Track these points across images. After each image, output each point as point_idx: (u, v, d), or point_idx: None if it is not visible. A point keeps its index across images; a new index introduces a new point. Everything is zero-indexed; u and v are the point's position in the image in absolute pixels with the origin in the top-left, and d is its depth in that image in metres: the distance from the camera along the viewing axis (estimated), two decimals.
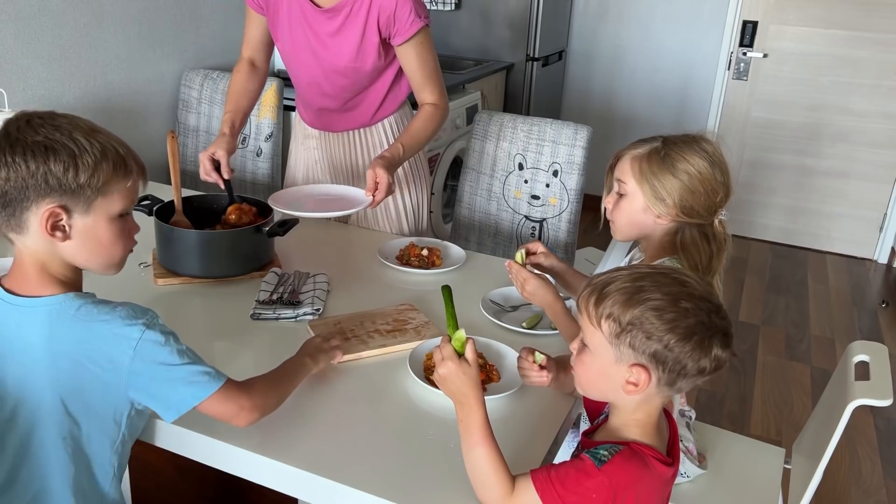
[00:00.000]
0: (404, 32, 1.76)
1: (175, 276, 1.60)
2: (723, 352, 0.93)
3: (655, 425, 0.98)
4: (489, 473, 0.97)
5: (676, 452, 1.00)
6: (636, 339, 0.92)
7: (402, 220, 2.04)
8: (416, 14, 1.75)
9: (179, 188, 1.71)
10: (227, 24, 2.91)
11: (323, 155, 2.01)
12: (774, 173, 4.33)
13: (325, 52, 1.80)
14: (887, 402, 1.32)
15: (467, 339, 1.04)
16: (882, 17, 3.90)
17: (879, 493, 2.35)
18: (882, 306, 3.69)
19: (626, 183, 1.32)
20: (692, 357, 0.92)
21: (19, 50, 2.14)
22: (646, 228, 1.33)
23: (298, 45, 1.81)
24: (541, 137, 2.31)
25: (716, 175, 1.28)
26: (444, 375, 1.03)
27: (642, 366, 0.93)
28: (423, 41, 1.81)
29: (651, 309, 0.92)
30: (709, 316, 0.93)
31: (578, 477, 0.91)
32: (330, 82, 1.85)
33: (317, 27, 1.78)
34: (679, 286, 0.94)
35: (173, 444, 1.19)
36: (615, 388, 0.96)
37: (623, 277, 0.96)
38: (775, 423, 2.68)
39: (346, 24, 1.76)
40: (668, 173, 1.27)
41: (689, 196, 1.27)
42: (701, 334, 0.92)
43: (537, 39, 4.03)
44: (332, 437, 1.16)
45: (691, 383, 0.95)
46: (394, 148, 1.79)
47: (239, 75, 1.94)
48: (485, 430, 0.99)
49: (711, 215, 1.30)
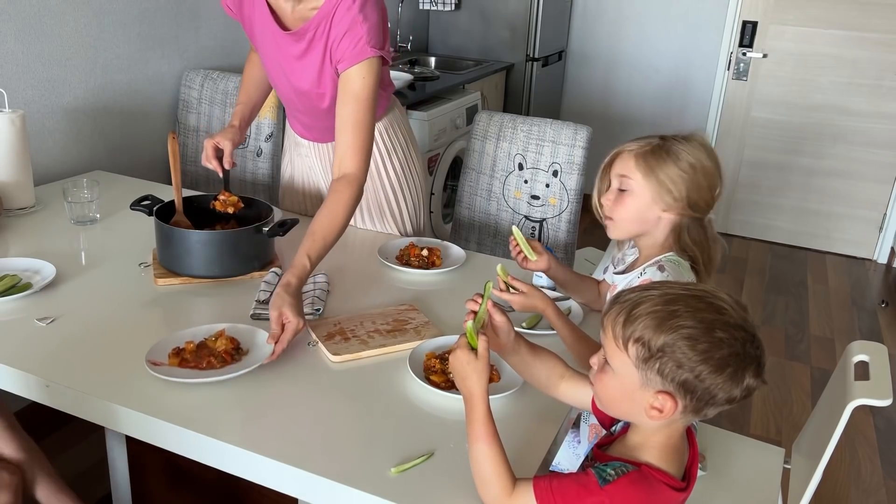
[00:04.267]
0: (348, 58, 1.57)
1: (175, 276, 1.60)
2: (755, 381, 0.90)
3: (675, 448, 0.95)
4: (489, 470, 0.97)
5: (694, 473, 0.97)
6: (666, 367, 0.88)
7: (402, 220, 2.04)
8: (367, 42, 1.57)
9: (180, 188, 1.71)
10: (228, 24, 2.91)
11: (316, 162, 2.00)
12: (774, 173, 4.33)
13: (292, 74, 1.73)
14: (887, 402, 1.32)
15: (479, 336, 1.03)
16: (882, 17, 3.90)
17: (879, 493, 2.35)
18: (882, 306, 3.69)
19: (630, 178, 1.32)
20: (723, 388, 0.88)
21: (19, 50, 2.14)
22: (648, 224, 1.34)
23: (271, 62, 1.77)
24: (541, 137, 2.31)
25: (716, 170, 1.30)
26: (452, 364, 1.03)
27: (669, 393, 0.89)
28: (367, 75, 1.58)
29: (684, 338, 0.87)
30: (743, 346, 0.88)
31: (579, 492, 0.89)
32: (300, 100, 1.81)
33: (284, 48, 1.70)
34: (715, 313, 0.89)
35: (173, 444, 1.19)
36: (638, 411, 0.92)
37: (654, 299, 0.91)
38: (775, 423, 2.68)
39: (308, 49, 1.66)
40: (674, 167, 1.28)
41: (694, 190, 1.29)
42: (735, 366, 0.88)
43: (537, 39, 4.03)
44: (332, 437, 1.16)
45: (718, 410, 0.92)
46: (298, 267, 1.43)
47: (252, 66, 1.92)
48: (487, 427, 0.98)
49: (709, 210, 1.31)
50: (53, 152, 2.31)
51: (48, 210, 1.98)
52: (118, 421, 1.22)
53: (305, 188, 2.06)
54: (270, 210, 1.71)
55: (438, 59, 4.08)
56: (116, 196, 2.03)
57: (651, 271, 1.29)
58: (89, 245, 1.81)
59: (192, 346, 1.30)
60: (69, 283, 1.58)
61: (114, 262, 1.69)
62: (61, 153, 2.34)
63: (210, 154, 1.74)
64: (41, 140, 2.26)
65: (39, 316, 1.44)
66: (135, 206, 1.69)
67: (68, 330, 1.40)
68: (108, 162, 2.51)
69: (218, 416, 1.19)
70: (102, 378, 1.26)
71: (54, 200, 2.00)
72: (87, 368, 1.29)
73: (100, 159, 2.48)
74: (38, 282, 1.55)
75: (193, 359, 1.28)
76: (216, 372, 1.26)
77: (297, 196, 2.08)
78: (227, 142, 1.75)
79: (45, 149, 2.28)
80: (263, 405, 1.23)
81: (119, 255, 1.73)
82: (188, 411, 1.19)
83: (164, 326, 1.45)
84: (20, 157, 1.93)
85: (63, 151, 2.35)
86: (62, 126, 2.33)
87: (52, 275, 1.57)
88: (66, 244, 1.80)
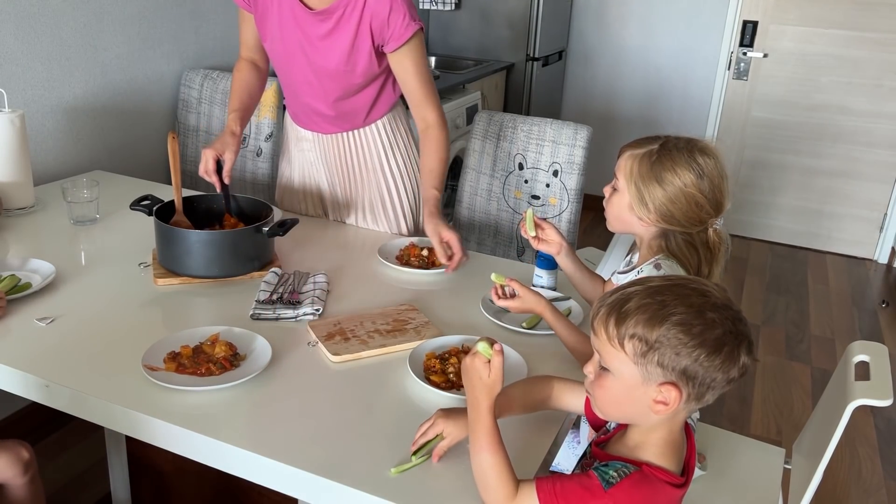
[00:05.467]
0: (398, 37, 1.72)
1: (175, 276, 1.60)
2: (748, 358, 0.91)
3: (674, 443, 0.95)
4: (492, 479, 0.97)
5: (691, 467, 0.97)
6: (665, 357, 0.88)
7: (402, 220, 2.04)
8: (410, 17, 1.71)
9: (180, 188, 1.71)
10: (227, 24, 2.91)
11: (318, 157, 2.00)
12: (774, 173, 4.33)
13: (316, 55, 1.77)
14: (887, 403, 1.32)
15: (495, 351, 1.00)
16: (882, 17, 3.90)
17: (879, 493, 2.35)
18: (882, 306, 3.69)
19: (618, 179, 1.34)
20: (722, 369, 0.89)
21: (19, 50, 2.14)
22: (631, 226, 1.35)
23: (290, 46, 1.79)
24: (541, 137, 2.31)
25: (702, 189, 1.25)
26: (465, 367, 1.01)
27: (672, 383, 0.89)
28: (417, 46, 1.77)
29: (677, 324, 0.88)
30: (734, 324, 0.90)
31: (583, 496, 0.89)
32: (321, 84, 1.83)
33: (307, 29, 1.75)
34: (701, 296, 0.91)
35: (173, 444, 1.19)
36: (642, 410, 0.92)
37: (640, 294, 0.92)
38: (775, 423, 2.68)
39: (337, 27, 1.73)
40: (653, 180, 1.27)
41: (669, 205, 1.26)
42: (730, 345, 0.89)
43: (537, 39, 4.03)
44: (332, 437, 1.16)
45: (717, 394, 0.93)
46: (430, 198, 1.80)
47: (241, 73, 1.92)
48: (491, 437, 0.98)
49: (696, 226, 1.28)
50: (53, 152, 2.31)
51: (48, 210, 1.98)
52: (117, 421, 1.22)
53: (306, 187, 2.06)
54: (270, 210, 1.71)
55: (439, 59, 4.08)
56: (116, 196, 2.03)
57: (648, 269, 1.29)
58: (89, 245, 1.81)
59: (189, 350, 1.29)
60: (69, 283, 1.58)
61: (113, 262, 1.69)
62: (61, 153, 2.34)
63: (211, 168, 1.72)
64: (41, 140, 2.26)
65: (39, 316, 1.44)
66: (134, 206, 1.69)
67: (68, 330, 1.40)
68: (107, 162, 2.51)
69: (217, 416, 1.18)
70: (102, 378, 1.26)
71: (54, 200, 2.00)
72: (86, 368, 1.29)
73: (100, 159, 2.48)
74: (38, 282, 1.55)
75: (191, 364, 1.27)
76: (216, 379, 1.25)
77: (296, 195, 2.08)
78: (231, 154, 1.74)
79: (45, 149, 2.28)
80: (263, 405, 1.23)
81: (119, 255, 1.73)
82: (187, 411, 1.19)
83: (164, 327, 1.45)
84: (20, 157, 1.93)
85: (63, 151, 2.35)
86: (62, 126, 2.33)
87: (52, 275, 1.56)
88: (66, 244, 1.80)
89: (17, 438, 1.55)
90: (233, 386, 1.24)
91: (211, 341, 1.32)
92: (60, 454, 2.24)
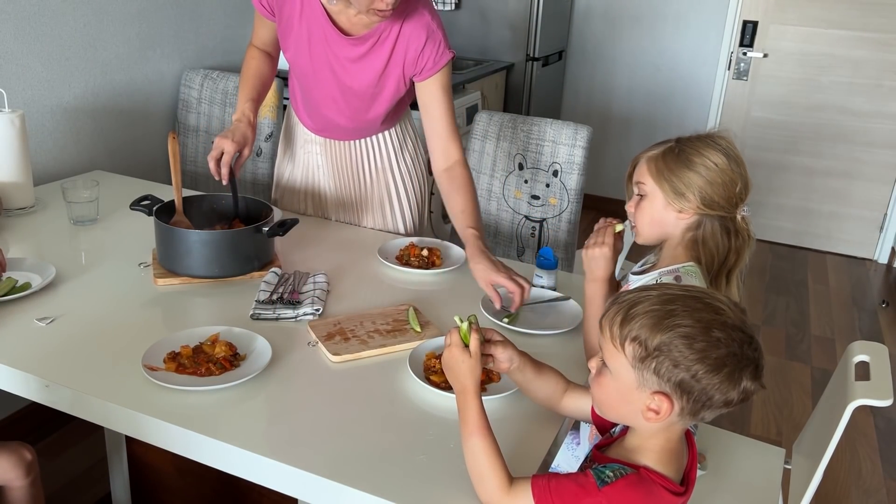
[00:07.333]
0: (431, 67, 1.71)
1: (175, 276, 1.60)
2: (752, 384, 0.89)
3: (673, 451, 0.94)
4: (485, 464, 0.97)
5: (693, 478, 0.96)
6: (662, 366, 0.87)
7: (402, 220, 2.04)
8: (445, 46, 1.70)
9: (180, 188, 1.71)
10: (227, 24, 2.91)
11: (327, 161, 1.99)
12: (774, 173, 4.33)
13: (346, 75, 1.76)
14: (887, 403, 1.32)
15: (472, 331, 1.04)
16: (882, 17, 3.90)
17: (879, 493, 2.35)
18: (882, 306, 3.69)
19: (644, 184, 1.32)
20: (720, 389, 0.87)
21: (19, 50, 2.14)
22: (667, 227, 1.33)
23: (318, 64, 1.77)
24: (541, 137, 2.31)
25: (731, 166, 1.28)
26: (446, 360, 1.04)
27: (665, 394, 0.88)
28: (447, 75, 1.74)
29: (681, 336, 0.87)
30: (741, 347, 0.87)
31: (577, 493, 0.89)
32: (346, 102, 1.82)
33: (339, 51, 1.73)
34: (712, 313, 0.89)
35: (173, 444, 1.19)
36: (634, 413, 0.92)
37: (652, 299, 0.91)
38: (775, 423, 2.68)
39: (370, 53, 1.72)
40: (684, 168, 1.28)
41: (708, 188, 1.27)
42: (732, 367, 0.87)
43: (537, 39, 4.03)
44: (332, 437, 1.16)
45: (715, 414, 0.91)
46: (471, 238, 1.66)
47: (255, 61, 1.90)
48: (480, 422, 0.99)
49: (733, 208, 1.29)
50: (53, 152, 2.31)
51: (48, 210, 1.98)
52: (117, 421, 1.22)
53: (308, 187, 2.05)
54: (270, 210, 1.71)
55: None
56: (116, 196, 2.03)
57: (666, 279, 1.29)
58: (89, 245, 1.81)
59: (189, 350, 1.29)
60: (69, 283, 1.58)
61: (113, 262, 1.69)
62: (61, 153, 2.34)
63: (227, 160, 1.68)
64: (41, 140, 2.26)
65: (39, 316, 1.44)
66: (134, 206, 1.69)
67: (68, 330, 1.40)
68: (107, 162, 2.51)
69: (217, 416, 1.18)
70: (102, 378, 1.26)
71: (54, 200, 2.00)
72: (86, 368, 1.29)
73: (99, 159, 2.48)
74: (38, 282, 1.54)
75: (191, 364, 1.27)
76: (216, 379, 1.25)
77: (297, 195, 2.08)
78: (248, 149, 1.74)
79: (45, 149, 2.28)
80: (263, 405, 1.23)
81: (119, 255, 1.73)
82: (187, 411, 1.19)
83: (164, 327, 1.45)
84: (20, 157, 1.93)
85: (63, 151, 2.35)
86: (62, 126, 2.33)
87: (52, 275, 1.56)
88: (66, 244, 1.80)
89: (18, 439, 1.55)
90: (233, 386, 1.24)
91: (211, 341, 1.32)
92: (60, 454, 2.24)
